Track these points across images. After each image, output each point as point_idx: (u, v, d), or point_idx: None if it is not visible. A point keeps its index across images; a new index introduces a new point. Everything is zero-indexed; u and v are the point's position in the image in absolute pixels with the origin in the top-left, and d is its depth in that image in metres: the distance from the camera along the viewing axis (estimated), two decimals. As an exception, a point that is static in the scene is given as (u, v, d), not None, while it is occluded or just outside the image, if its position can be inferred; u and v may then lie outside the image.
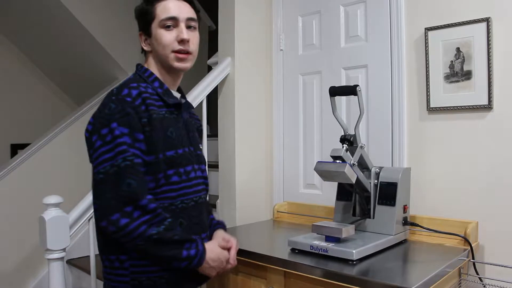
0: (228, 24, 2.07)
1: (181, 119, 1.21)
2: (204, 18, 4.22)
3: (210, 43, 4.22)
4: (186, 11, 1.18)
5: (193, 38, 1.19)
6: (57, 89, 3.78)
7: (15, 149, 3.41)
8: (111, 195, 1.01)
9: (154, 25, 1.16)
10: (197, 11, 1.23)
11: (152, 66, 1.21)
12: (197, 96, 1.95)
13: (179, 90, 1.29)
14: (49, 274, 1.51)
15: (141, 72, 1.20)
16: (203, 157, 1.31)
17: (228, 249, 1.23)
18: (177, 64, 1.17)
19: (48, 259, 1.49)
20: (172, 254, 1.04)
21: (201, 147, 1.31)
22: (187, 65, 1.19)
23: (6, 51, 3.45)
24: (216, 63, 2.17)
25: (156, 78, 1.19)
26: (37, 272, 2.58)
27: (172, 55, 1.16)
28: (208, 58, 2.45)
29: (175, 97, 1.21)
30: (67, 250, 1.55)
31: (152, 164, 1.08)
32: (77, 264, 2.41)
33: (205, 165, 1.31)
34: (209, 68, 2.38)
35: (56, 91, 3.78)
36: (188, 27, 1.18)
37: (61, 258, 1.51)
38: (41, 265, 2.57)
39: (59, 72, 3.63)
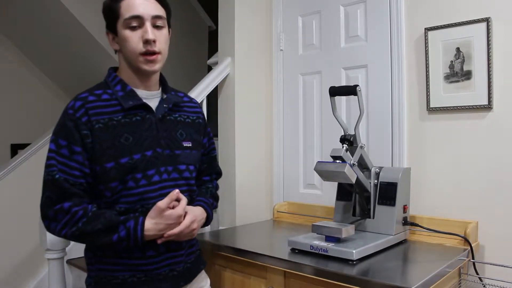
0: (228, 24, 2.07)
1: (150, 119, 1.15)
2: (204, 18, 4.23)
3: (210, 43, 4.22)
4: (151, 9, 1.11)
5: (160, 37, 1.12)
6: (57, 89, 3.78)
7: (15, 149, 3.41)
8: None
9: (119, 24, 1.11)
10: (165, 7, 1.16)
11: (122, 66, 1.18)
12: (197, 96, 1.95)
13: (163, 85, 1.24)
14: (49, 274, 1.51)
15: (107, 77, 1.19)
16: (186, 156, 1.20)
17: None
18: (145, 67, 1.13)
19: (48, 259, 1.50)
20: (105, 241, 1.06)
21: (186, 145, 1.21)
22: (156, 67, 1.14)
23: (6, 51, 3.45)
24: (216, 63, 2.17)
25: (119, 81, 1.16)
26: (37, 272, 2.58)
27: (141, 58, 1.11)
28: (208, 58, 2.45)
29: (137, 99, 1.14)
30: (67, 250, 1.55)
31: (102, 173, 1.08)
32: (77, 264, 2.40)
33: (187, 165, 1.20)
34: (209, 68, 2.38)
35: (56, 91, 3.78)
36: (155, 26, 1.12)
37: (61, 258, 1.52)
38: (41, 265, 2.57)
39: (59, 72, 3.63)
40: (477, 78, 1.54)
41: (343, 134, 1.46)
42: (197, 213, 1.18)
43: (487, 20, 1.51)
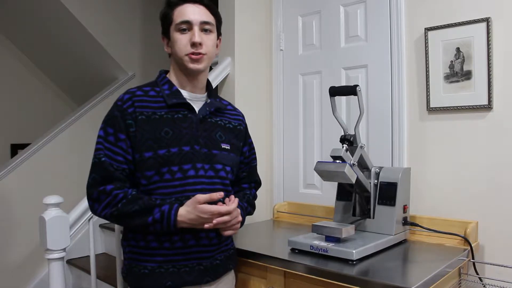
0: (228, 24, 2.07)
1: (191, 118, 1.24)
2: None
3: (210, 43, 4.22)
4: (200, 15, 1.22)
5: (207, 41, 1.23)
6: (57, 89, 3.78)
7: (15, 149, 3.41)
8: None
9: (172, 29, 1.23)
10: (214, 15, 1.27)
11: (173, 68, 1.29)
12: (197, 96, 1.96)
13: (209, 91, 1.34)
14: (49, 274, 1.51)
15: (157, 77, 1.30)
16: (223, 157, 1.27)
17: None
18: (191, 66, 1.22)
19: (48, 259, 1.50)
20: (140, 223, 1.14)
21: (224, 147, 1.28)
22: (200, 66, 1.23)
23: (6, 51, 3.45)
24: (216, 63, 2.17)
25: (167, 82, 1.27)
26: (37, 272, 2.58)
27: (186, 57, 1.22)
28: (208, 58, 2.45)
29: (181, 98, 1.24)
30: (67, 250, 1.55)
31: (140, 162, 1.18)
32: (77, 264, 2.41)
33: (223, 165, 1.27)
34: (209, 68, 2.38)
35: (56, 91, 3.78)
36: (204, 30, 1.22)
37: (61, 258, 1.52)
38: (41, 265, 2.57)
39: (59, 72, 3.62)
40: (477, 78, 1.54)
41: (343, 134, 1.46)
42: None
43: (487, 20, 1.51)
